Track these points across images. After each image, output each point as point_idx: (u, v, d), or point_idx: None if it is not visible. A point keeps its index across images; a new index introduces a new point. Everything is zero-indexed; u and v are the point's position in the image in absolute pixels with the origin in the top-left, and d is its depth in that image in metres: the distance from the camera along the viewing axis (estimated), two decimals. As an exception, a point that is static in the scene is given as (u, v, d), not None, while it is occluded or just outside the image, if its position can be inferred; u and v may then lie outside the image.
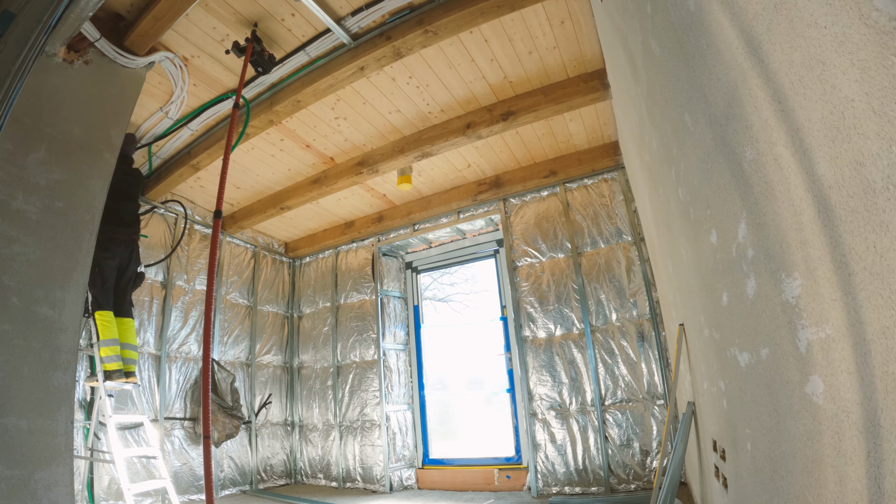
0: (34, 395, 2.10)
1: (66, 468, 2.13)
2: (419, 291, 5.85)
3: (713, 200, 1.18)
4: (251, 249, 5.79)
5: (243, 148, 4.10)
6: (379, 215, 5.58)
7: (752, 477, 1.26)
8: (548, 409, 4.24)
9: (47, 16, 2.04)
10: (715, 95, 0.99)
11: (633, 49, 1.89)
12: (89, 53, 2.63)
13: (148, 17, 2.67)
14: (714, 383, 1.72)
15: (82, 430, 3.56)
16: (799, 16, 0.60)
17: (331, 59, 3.20)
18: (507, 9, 2.75)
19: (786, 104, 0.68)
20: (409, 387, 5.43)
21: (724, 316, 1.31)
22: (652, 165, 2.24)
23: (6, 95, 1.89)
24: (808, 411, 0.78)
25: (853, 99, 0.53)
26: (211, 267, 2.59)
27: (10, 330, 2.08)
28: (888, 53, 0.47)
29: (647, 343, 3.97)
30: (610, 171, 4.46)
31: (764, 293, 0.91)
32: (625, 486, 3.81)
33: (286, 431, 5.69)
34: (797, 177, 0.69)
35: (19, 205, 2.21)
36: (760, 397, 1.07)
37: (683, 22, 1.10)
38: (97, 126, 2.63)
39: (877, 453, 0.58)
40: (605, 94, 3.45)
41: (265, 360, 5.65)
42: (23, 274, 2.17)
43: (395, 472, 4.92)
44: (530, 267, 4.63)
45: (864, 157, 0.52)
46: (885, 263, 0.51)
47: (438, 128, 3.99)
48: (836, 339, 0.65)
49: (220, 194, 2.72)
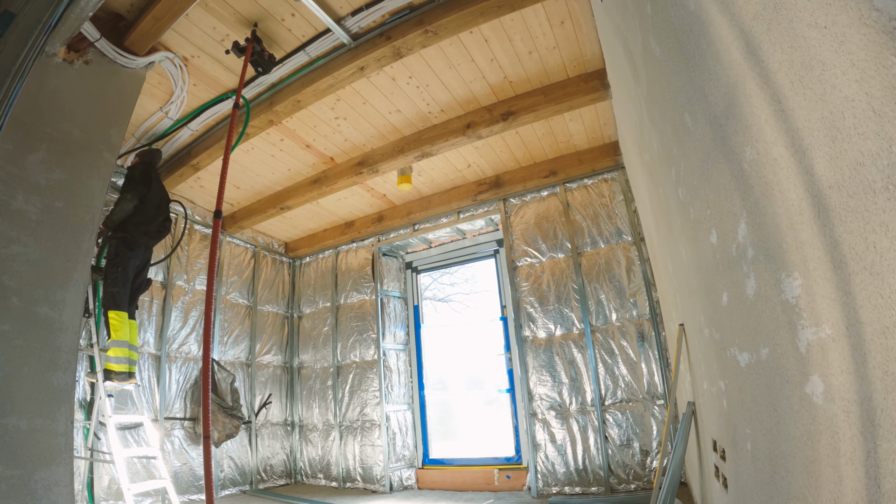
0: (34, 395, 2.10)
1: (66, 468, 2.13)
2: (419, 291, 5.85)
3: (713, 200, 1.18)
4: (251, 249, 5.79)
5: (243, 148, 4.10)
6: (379, 215, 5.58)
7: (752, 477, 1.26)
8: (548, 409, 4.24)
9: (47, 16, 2.04)
10: (715, 95, 0.99)
11: (633, 49, 1.89)
12: (89, 53, 2.63)
13: (148, 17, 2.67)
14: (714, 383, 1.72)
15: (82, 430, 3.56)
16: (799, 16, 0.60)
17: (331, 59, 3.20)
18: (507, 9, 2.75)
19: (786, 104, 0.68)
20: (409, 387, 5.43)
21: (724, 316, 1.31)
22: (652, 165, 2.24)
23: (6, 95, 1.89)
24: (808, 411, 0.78)
25: (853, 99, 0.53)
26: (211, 267, 2.59)
27: (10, 330, 2.08)
28: (888, 53, 0.47)
29: (647, 343, 3.97)
30: (610, 171, 4.46)
31: (764, 293, 0.91)
32: (625, 486, 3.81)
33: (286, 431, 5.69)
34: (797, 177, 0.69)
35: (19, 205, 2.21)
36: (760, 397, 1.07)
37: (683, 22, 1.10)
38: (97, 126, 2.63)
39: (876, 453, 0.58)
40: (605, 94, 3.45)
41: (265, 360, 5.65)
42: (23, 274, 2.17)
43: (395, 472, 4.92)
44: (530, 267, 4.63)
45: (863, 157, 0.52)
46: (885, 263, 0.51)
47: (438, 128, 3.99)
48: (835, 340, 0.65)
49: (220, 194, 2.72)
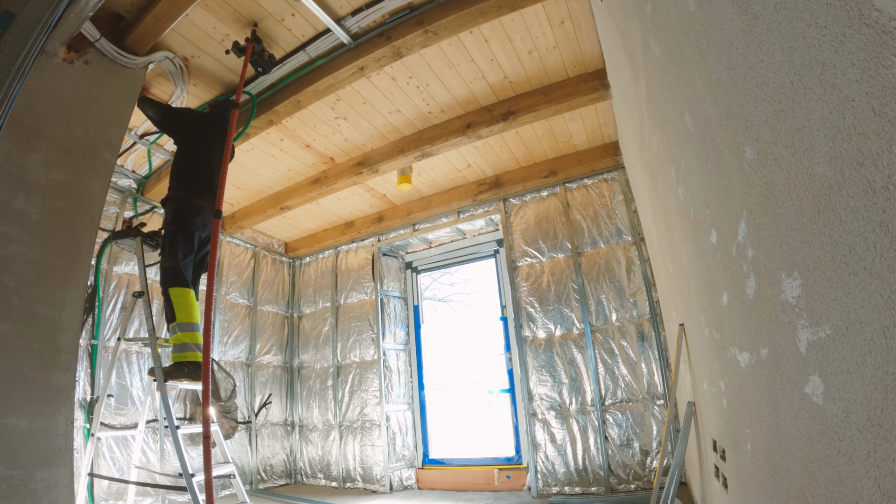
0: (34, 395, 2.10)
1: (66, 468, 2.13)
2: (419, 291, 5.85)
3: (713, 200, 1.18)
4: (251, 249, 5.79)
5: (243, 148, 4.10)
6: (379, 215, 5.58)
7: (752, 477, 1.26)
8: (548, 409, 4.24)
9: (47, 16, 2.04)
10: (715, 95, 0.99)
11: (633, 49, 1.89)
12: (89, 53, 2.63)
13: (148, 17, 2.67)
14: (714, 383, 1.72)
15: (82, 431, 3.56)
16: (799, 16, 0.60)
17: (331, 59, 3.20)
18: (507, 9, 2.75)
19: (786, 104, 0.69)
20: (409, 387, 5.43)
21: (724, 316, 1.31)
22: (652, 165, 2.24)
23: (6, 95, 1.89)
24: (808, 411, 0.78)
25: (853, 99, 0.53)
26: (211, 267, 2.59)
27: (10, 330, 2.08)
28: (888, 53, 0.47)
29: (647, 343, 3.97)
30: (610, 171, 4.46)
31: (764, 293, 0.91)
32: (625, 486, 3.81)
33: (286, 431, 5.69)
34: (797, 177, 0.69)
35: (19, 205, 2.21)
36: (760, 397, 1.07)
37: (683, 22, 1.10)
38: (97, 126, 2.63)
39: (877, 453, 0.58)
40: (605, 94, 3.45)
41: (265, 361, 5.64)
42: (23, 274, 2.17)
43: (395, 472, 4.92)
44: (530, 267, 4.63)
45: (864, 157, 0.53)
46: (885, 263, 0.51)
47: (438, 128, 3.99)
48: (836, 339, 0.65)
49: (219, 194, 2.72)
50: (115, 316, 4.08)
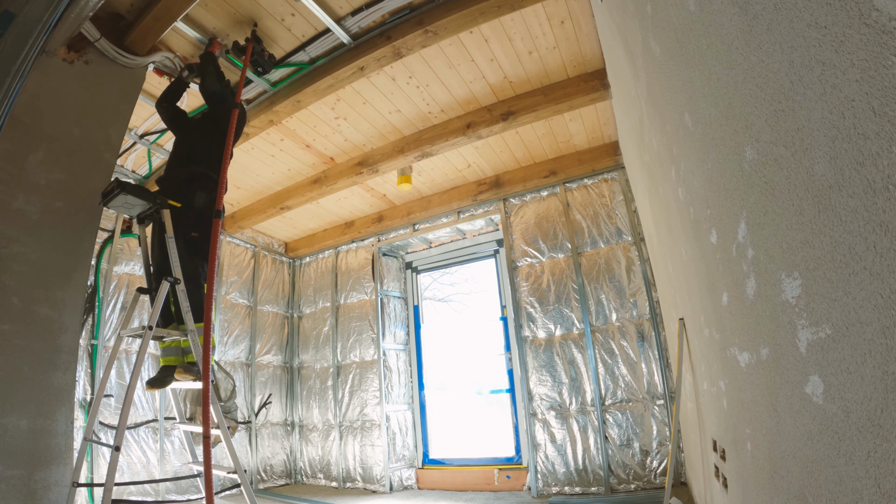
0: (34, 395, 2.10)
1: (66, 468, 2.13)
2: (419, 291, 5.85)
3: (713, 200, 1.18)
4: (251, 249, 5.79)
5: (243, 148, 4.10)
6: (379, 215, 5.58)
7: (752, 477, 1.26)
8: (548, 409, 4.24)
9: (47, 16, 2.04)
10: (715, 95, 0.99)
11: (633, 49, 1.89)
12: (89, 53, 2.63)
13: (148, 17, 2.67)
14: (714, 383, 1.72)
15: (82, 431, 3.56)
16: (799, 16, 0.60)
17: (331, 59, 3.20)
18: (507, 9, 2.75)
19: (786, 104, 0.69)
20: (409, 387, 5.43)
21: (725, 316, 1.31)
22: (652, 165, 2.24)
23: (6, 95, 1.89)
24: (808, 411, 0.78)
25: (853, 99, 0.53)
26: (211, 267, 2.59)
27: (10, 330, 2.08)
28: (888, 53, 0.47)
29: (647, 343, 3.97)
30: (610, 171, 4.46)
31: (764, 293, 0.91)
32: (625, 486, 3.81)
33: (286, 431, 5.69)
34: (797, 177, 0.69)
35: (19, 205, 2.21)
36: (760, 397, 1.07)
37: (683, 22, 1.10)
38: (97, 126, 2.63)
39: (877, 453, 0.58)
40: (605, 94, 3.45)
41: (265, 361, 5.64)
42: (23, 274, 2.17)
43: (395, 472, 4.92)
44: (530, 267, 4.63)
45: (864, 157, 0.53)
46: (885, 263, 0.51)
47: (438, 128, 3.99)
48: (836, 339, 0.65)
49: (219, 194, 2.72)
50: (115, 316, 4.09)
